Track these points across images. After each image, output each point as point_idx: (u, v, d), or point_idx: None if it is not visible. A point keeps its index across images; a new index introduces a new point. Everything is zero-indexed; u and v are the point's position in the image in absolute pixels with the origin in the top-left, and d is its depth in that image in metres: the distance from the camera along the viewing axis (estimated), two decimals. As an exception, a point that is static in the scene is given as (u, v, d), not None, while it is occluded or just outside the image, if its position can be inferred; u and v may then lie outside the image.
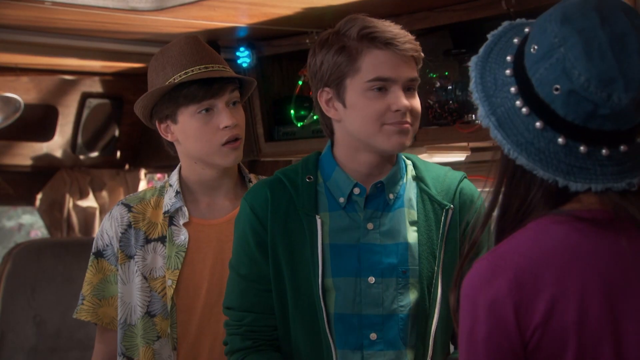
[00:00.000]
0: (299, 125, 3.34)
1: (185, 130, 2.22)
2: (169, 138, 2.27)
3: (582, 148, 1.35)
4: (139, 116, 2.31)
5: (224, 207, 2.29)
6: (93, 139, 4.17)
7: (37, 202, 4.18)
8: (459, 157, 2.96)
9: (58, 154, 4.11)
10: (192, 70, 2.19)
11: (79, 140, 4.11)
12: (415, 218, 1.96)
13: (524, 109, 1.37)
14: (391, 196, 1.96)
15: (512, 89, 1.38)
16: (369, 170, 1.95)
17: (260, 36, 3.32)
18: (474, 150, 2.95)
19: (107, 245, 2.29)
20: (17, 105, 3.74)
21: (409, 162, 2.03)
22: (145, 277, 2.24)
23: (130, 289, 2.26)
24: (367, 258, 1.93)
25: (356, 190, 1.95)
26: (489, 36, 1.46)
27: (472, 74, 1.43)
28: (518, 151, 1.36)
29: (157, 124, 2.27)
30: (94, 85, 4.01)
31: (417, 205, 1.97)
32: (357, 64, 1.89)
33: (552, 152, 1.35)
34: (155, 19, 2.87)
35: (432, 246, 1.95)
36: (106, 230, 2.30)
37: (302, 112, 3.34)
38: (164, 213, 2.27)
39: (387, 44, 1.88)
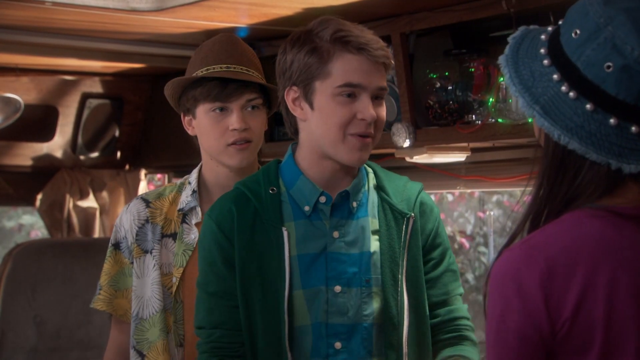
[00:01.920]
0: (299, 125, 3.34)
1: (200, 126, 2.26)
2: (190, 132, 2.31)
3: (633, 128, 1.35)
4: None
5: None
6: (93, 139, 4.17)
7: (38, 203, 4.17)
8: (459, 157, 2.96)
9: (58, 154, 4.11)
10: (214, 68, 2.22)
11: (79, 140, 4.11)
12: (377, 227, 1.97)
13: (571, 93, 1.37)
14: (354, 204, 1.97)
15: (555, 76, 1.39)
16: (333, 176, 1.95)
17: (260, 36, 3.32)
18: (474, 150, 2.95)
19: (122, 238, 2.32)
20: (17, 106, 3.74)
21: (369, 170, 2.04)
22: (160, 272, 2.27)
23: (145, 283, 2.27)
24: (334, 267, 1.93)
25: (322, 199, 1.95)
26: (510, 39, 1.47)
27: (505, 69, 1.43)
28: (569, 136, 1.36)
29: (182, 116, 2.31)
30: (94, 86, 4.01)
31: (378, 214, 1.98)
32: (328, 67, 1.88)
33: (604, 134, 1.36)
34: (156, 19, 2.87)
35: (394, 255, 1.95)
36: (123, 223, 2.32)
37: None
38: (178, 210, 2.29)
39: (359, 49, 1.87)
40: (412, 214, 1.98)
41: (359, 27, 1.92)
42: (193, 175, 2.33)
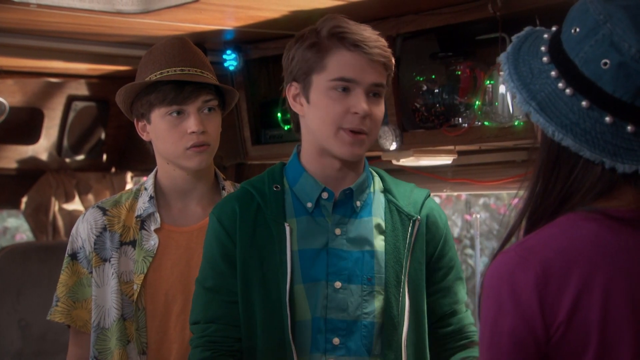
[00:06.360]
0: (285, 128, 3.34)
1: (156, 131, 2.23)
2: (144, 137, 2.28)
3: (629, 128, 1.34)
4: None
5: (195, 214, 2.29)
6: (79, 142, 4.15)
7: (23, 206, 4.15)
8: (446, 160, 2.97)
9: (44, 157, 4.09)
10: (168, 71, 2.19)
11: (65, 143, 4.09)
12: (383, 227, 1.98)
13: (567, 90, 1.37)
14: (358, 203, 1.97)
15: (553, 73, 1.38)
16: (334, 173, 1.96)
17: (247, 39, 3.32)
18: (460, 153, 2.96)
19: (80, 248, 2.29)
20: (2, 108, 3.72)
21: (375, 175, 2.05)
22: (119, 280, 2.24)
23: (105, 292, 2.25)
24: (335, 263, 1.94)
25: (324, 195, 1.96)
26: (514, 38, 1.47)
27: (505, 66, 1.43)
28: (564, 132, 1.35)
29: (135, 122, 2.27)
30: (80, 88, 3.99)
31: (385, 215, 1.99)
32: (324, 61, 1.90)
33: (599, 132, 1.35)
34: (142, 21, 2.86)
35: (399, 255, 1.96)
36: (79, 233, 2.29)
37: (289, 115, 3.33)
38: (136, 217, 2.27)
39: (355, 45, 1.89)
40: (419, 217, 1.99)
41: (361, 26, 1.93)
42: (149, 181, 2.30)
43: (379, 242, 1.96)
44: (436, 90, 2.81)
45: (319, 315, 1.92)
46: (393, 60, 1.95)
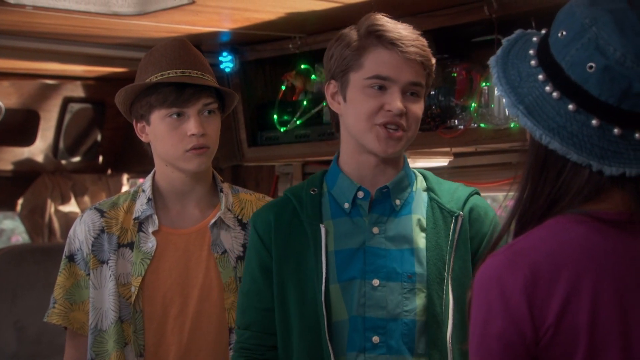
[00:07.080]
0: (282, 130, 3.34)
1: (155, 133, 2.22)
2: (143, 139, 2.28)
3: (616, 130, 1.34)
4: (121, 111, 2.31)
5: (193, 216, 2.29)
6: (75, 144, 4.15)
7: (18, 208, 4.15)
8: (442, 162, 2.97)
9: (39, 158, 4.08)
10: (169, 73, 2.18)
11: (61, 145, 4.09)
12: (424, 224, 1.97)
13: (554, 94, 1.37)
14: (397, 202, 1.97)
15: (540, 77, 1.39)
16: (371, 172, 1.96)
17: (243, 41, 3.32)
18: (456, 155, 2.96)
19: (77, 250, 2.29)
20: (-2, 110, 3.73)
21: (419, 174, 2.04)
22: (117, 282, 2.24)
23: (102, 294, 2.24)
24: (372, 261, 1.93)
25: (360, 194, 1.96)
26: (504, 41, 1.47)
27: (494, 70, 1.43)
28: (551, 136, 1.36)
29: (134, 123, 2.27)
30: (76, 90, 3.99)
31: (426, 213, 1.98)
32: (361, 59, 1.92)
33: (586, 135, 1.35)
34: (138, 23, 2.86)
35: (441, 252, 1.94)
36: (77, 235, 2.29)
37: (285, 117, 3.34)
38: (134, 219, 2.27)
39: (392, 43, 1.90)
40: (461, 213, 1.97)
41: (398, 24, 1.95)
42: (147, 183, 2.30)
43: (420, 240, 1.95)
44: (432, 92, 2.81)
45: (355, 313, 1.91)
46: (433, 60, 1.95)
